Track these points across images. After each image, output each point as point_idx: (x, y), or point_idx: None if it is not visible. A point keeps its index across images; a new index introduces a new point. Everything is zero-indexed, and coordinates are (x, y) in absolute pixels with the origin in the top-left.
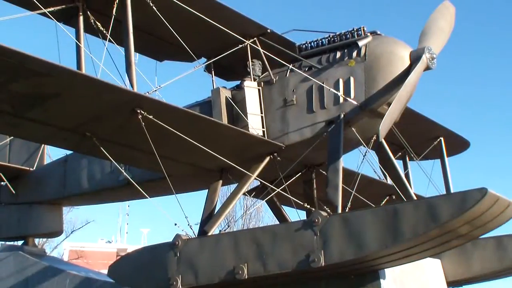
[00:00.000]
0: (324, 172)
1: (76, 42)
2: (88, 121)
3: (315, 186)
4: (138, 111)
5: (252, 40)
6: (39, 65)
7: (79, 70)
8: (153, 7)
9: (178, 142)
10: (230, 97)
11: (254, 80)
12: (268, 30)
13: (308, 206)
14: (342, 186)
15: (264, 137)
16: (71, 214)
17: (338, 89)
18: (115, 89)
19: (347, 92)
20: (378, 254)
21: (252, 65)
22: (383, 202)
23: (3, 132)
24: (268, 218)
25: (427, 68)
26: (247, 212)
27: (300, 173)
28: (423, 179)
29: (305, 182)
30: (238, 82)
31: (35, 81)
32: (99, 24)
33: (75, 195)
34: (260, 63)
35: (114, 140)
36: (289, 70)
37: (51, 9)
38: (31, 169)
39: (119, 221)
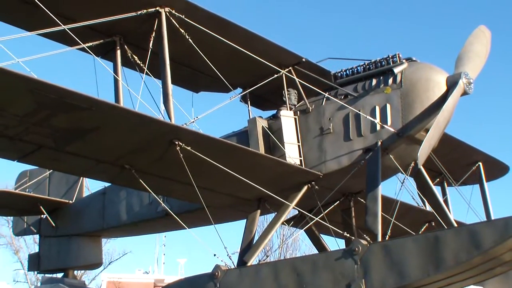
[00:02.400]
0: (362, 200)
1: (114, 76)
2: (127, 154)
3: (353, 214)
4: (176, 142)
5: (288, 69)
6: (80, 99)
7: (117, 103)
8: (189, 39)
9: (216, 172)
10: (267, 126)
11: (290, 109)
12: (303, 59)
13: (348, 235)
14: (381, 214)
15: (302, 166)
16: (109, 245)
17: (374, 117)
18: (154, 121)
19: (384, 119)
20: (420, 283)
21: (287, 94)
22: (423, 229)
23: (44, 166)
24: (305, 247)
25: (464, 93)
26: (285, 241)
27: (338, 202)
28: (462, 205)
29: (343, 211)
30: (273, 112)
31: (76, 115)
32: (136, 57)
33: (114, 227)
34: (296, 92)
35: (153, 172)
36: (325, 99)
37: (90, 44)
38: (70, 201)
39: (156, 252)
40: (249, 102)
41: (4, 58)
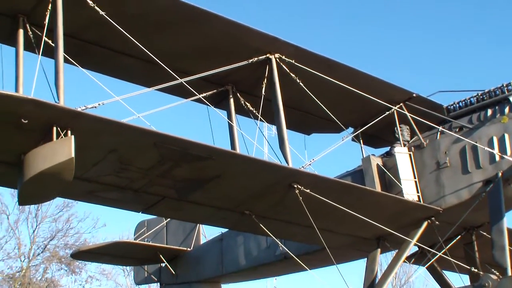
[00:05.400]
0: (484, 233)
1: (229, 123)
2: (247, 200)
3: (476, 248)
4: (295, 186)
5: (399, 105)
6: (201, 149)
7: (234, 150)
8: (300, 83)
9: (334, 213)
10: (381, 164)
11: (404, 145)
12: (414, 95)
13: (475, 270)
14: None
15: (420, 202)
16: None
17: (493, 147)
18: (273, 166)
19: (502, 150)
20: None
21: (400, 130)
22: None
23: (166, 216)
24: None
25: None
26: (409, 279)
27: (459, 236)
28: None
29: (466, 245)
30: (386, 149)
31: (197, 165)
32: (248, 104)
33: (233, 272)
34: (408, 127)
35: (272, 216)
36: (439, 132)
37: (204, 94)
38: (188, 249)
39: None
40: (361, 140)
41: (125, 114)
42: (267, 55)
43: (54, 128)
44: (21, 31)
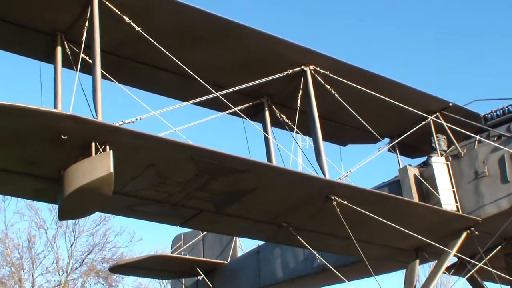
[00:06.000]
0: None
1: (264, 136)
2: (283, 212)
3: None
4: (332, 197)
5: (435, 115)
6: (238, 162)
7: (270, 163)
8: (335, 94)
9: (372, 224)
10: (419, 174)
11: (441, 155)
12: (450, 104)
13: None
14: None
15: (458, 212)
16: None
17: None
18: (310, 178)
19: None
20: None
21: (437, 140)
22: None
23: (204, 229)
24: None
25: None
26: None
27: (500, 246)
28: None
29: (507, 255)
30: (422, 159)
31: (234, 178)
32: (284, 116)
33: (270, 284)
34: (445, 137)
35: (309, 228)
36: (476, 142)
37: (240, 107)
38: (225, 262)
39: None
40: (397, 151)
41: (161, 129)
42: (302, 67)
43: (93, 144)
44: (59, 49)
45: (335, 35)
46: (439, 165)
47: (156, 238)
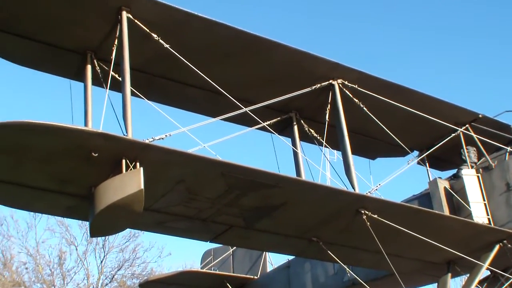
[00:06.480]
0: None
1: (293, 150)
2: (313, 226)
3: None
4: (363, 211)
5: (465, 127)
6: (268, 177)
7: (300, 178)
8: (364, 108)
9: (403, 238)
10: (449, 187)
11: (471, 167)
12: (480, 115)
13: None
14: None
15: (490, 224)
16: None
17: None
18: (340, 192)
19: None
20: None
21: (467, 152)
22: None
23: (234, 245)
24: None
25: None
26: None
27: None
28: None
29: None
30: (452, 171)
31: (264, 193)
32: (312, 130)
33: None
34: (475, 149)
35: (339, 242)
36: (507, 153)
37: (268, 122)
38: (255, 277)
39: None
40: (427, 164)
41: (190, 145)
42: (330, 81)
43: (123, 161)
44: (89, 67)
45: (363, 45)
46: (470, 178)
47: (184, 253)
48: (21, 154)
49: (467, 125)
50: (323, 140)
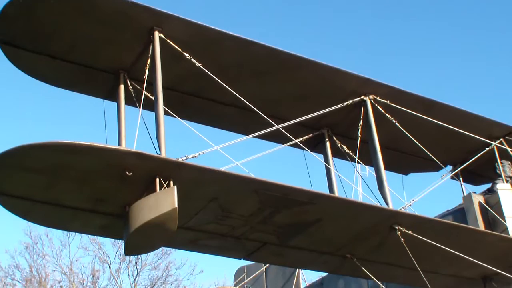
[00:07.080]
0: None
1: (326, 166)
2: (348, 243)
3: None
4: (397, 227)
5: (499, 141)
6: (302, 194)
7: (333, 194)
8: (396, 123)
9: (438, 254)
10: (483, 202)
11: (506, 181)
12: None
13: None
14: None
15: None
16: None
17: None
18: (374, 208)
19: None
20: None
21: (501, 166)
22: None
23: (267, 262)
24: None
25: None
26: None
27: None
28: None
29: None
30: (487, 186)
31: (297, 210)
32: (345, 147)
33: None
34: (510, 163)
35: (373, 258)
36: None
37: (301, 139)
38: None
39: None
40: (461, 178)
41: (223, 162)
42: (362, 97)
43: (157, 179)
44: (122, 87)
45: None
46: (505, 192)
47: (216, 270)
48: (58, 174)
49: (501, 139)
50: (356, 156)
